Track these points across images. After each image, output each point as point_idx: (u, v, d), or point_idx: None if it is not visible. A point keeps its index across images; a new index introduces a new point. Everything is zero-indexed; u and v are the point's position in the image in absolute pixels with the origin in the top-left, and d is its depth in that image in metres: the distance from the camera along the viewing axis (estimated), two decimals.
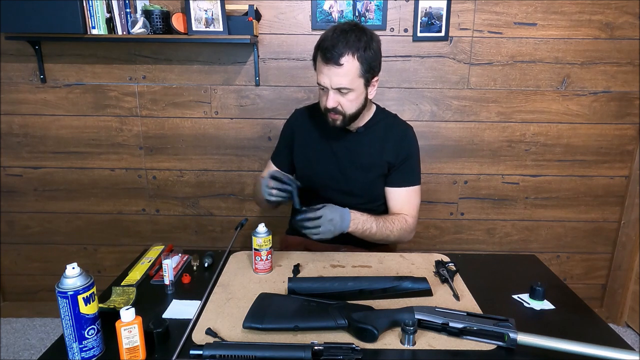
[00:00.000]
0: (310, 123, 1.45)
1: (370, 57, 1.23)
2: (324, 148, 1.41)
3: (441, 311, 0.93)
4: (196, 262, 1.25)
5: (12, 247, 2.20)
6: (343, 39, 1.20)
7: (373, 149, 1.39)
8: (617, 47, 1.92)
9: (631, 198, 2.10)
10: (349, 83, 1.22)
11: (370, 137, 1.40)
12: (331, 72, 1.21)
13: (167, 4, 1.86)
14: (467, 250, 2.20)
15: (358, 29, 1.23)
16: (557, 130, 2.03)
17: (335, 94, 1.24)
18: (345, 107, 1.27)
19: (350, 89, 1.24)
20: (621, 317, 2.23)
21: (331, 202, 1.33)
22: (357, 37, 1.21)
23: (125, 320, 0.82)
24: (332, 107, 1.25)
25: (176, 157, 2.08)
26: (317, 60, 1.26)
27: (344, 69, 1.20)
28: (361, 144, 1.39)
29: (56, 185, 2.11)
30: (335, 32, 1.22)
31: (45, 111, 2.01)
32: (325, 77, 1.23)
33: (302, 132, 1.45)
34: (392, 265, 1.25)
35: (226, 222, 2.17)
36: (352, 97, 1.26)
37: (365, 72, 1.24)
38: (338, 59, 1.19)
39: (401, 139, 1.41)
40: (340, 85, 1.22)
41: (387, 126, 1.42)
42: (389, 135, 1.40)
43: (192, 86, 1.99)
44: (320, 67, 1.24)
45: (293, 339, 0.91)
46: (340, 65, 1.20)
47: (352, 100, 1.26)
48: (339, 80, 1.22)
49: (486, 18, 1.90)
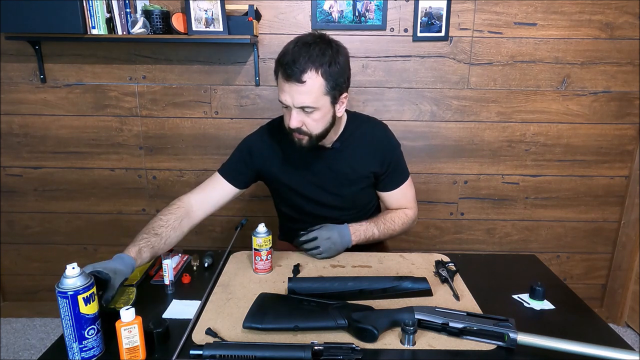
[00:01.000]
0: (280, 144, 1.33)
1: (336, 72, 1.12)
2: (302, 168, 1.32)
3: (441, 311, 0.93)
4: (196, 262, 1.25)
5: (12, 247, 2.20)
6: (305, 52, 1.09)
7: (354, 162, 1.32)
8: (617, 47, 1.92)
9: (631, 198, 2.10)
10: (312, 102, 1.12)
11: (348, 151, 1.31)
12: (293, 90, 1.11)
13: (167, 4, 1.86)
14: (467, 250, 2.20)
15: (322, 41, 1.13)
16: (557, 130, 2.03)
17: (298, 113, 1.15)
18: (310, 127, 1.17)
19: (315, 108, 1.13)
20: (621, 317, 2.23)
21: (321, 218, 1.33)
22: (321, 50, 1.10)
23: (125, 320, 0.82)
24: (295, 127, 1.16)
25: (176, 157, 2.08)
26: (277, 75, 1.15)
27: (306, 86, 1.10)
28: (340, 160, 1.31)
29: (56, 185, 2.11)
30: (297, 45, 1.11)
31: (45, 111, 2.01)
32: (286, 95, 1.13)
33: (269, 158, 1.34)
34: (392, 265, 1.25)
35: (226, 222, 2.17)
36: (317, 116, 1.15)
37: (331, 89, 1.13)
38: (300, 76, 1.08)
39: (381, 146, 1.33)
40: (303, 104, 1.12)
41: (363, 135, 1.33)
42: (368, 145, 1.32)
43: (192, 86, 1.99)
44: (281, 83, 1.14)
45: (293, 339, 0.91)
46: (302, 82, 1.09)
47: (318, 120, 1.16)
48: (301, 98, 1.11)
49: (486, 18, 1.90)
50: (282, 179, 1.35)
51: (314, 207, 1.37)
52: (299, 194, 1.36)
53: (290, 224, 1.48)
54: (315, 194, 1.35)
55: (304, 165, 1.32)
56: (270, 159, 1.34)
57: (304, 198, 1.36)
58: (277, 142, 1.34)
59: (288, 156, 1.33)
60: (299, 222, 1.40)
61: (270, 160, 1.34)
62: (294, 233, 1.36)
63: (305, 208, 1.38)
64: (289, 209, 1.44)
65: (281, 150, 1.33)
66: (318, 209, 1.37)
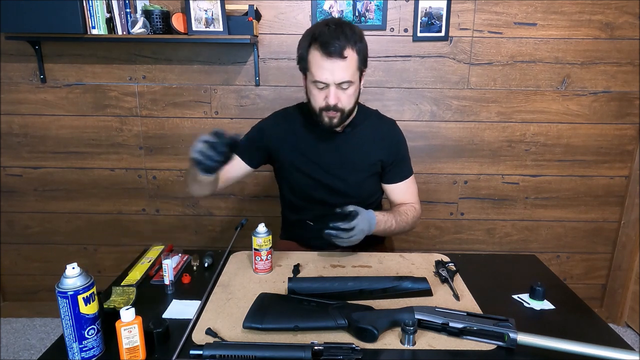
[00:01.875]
0: (292, 129, 1.38)
1: (364, 47, 1.23)
2: (313, 150, 1.36)
3: (441, 311, 0.93)
4: (196, 262, 1.25)
5: (12, 247, 2.20)
6: (341, 32, 1.17)
7: (363, 149, 1.37)
8: (617, 47, 1.92)
9: (631, 198, 2.10)
10: (351, 76, 1.20)
11: (358, 137, 1.37)
12: (335, 66, 1.18)
13: (167, 4, 1.86)
14: (467, 250, 2.20)
15: (348, 22, 1.23)
16: (557, 130, 2.03)
17: (336, 89, 1.21)
18: (344, 102, 1.24)
19: (351, 82, 1.21)
20: (621, 317, 2.23)
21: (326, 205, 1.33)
22: (351, 29, 1.20)
23: (125, 320, 0.82)
24: (334, 103, 1.21)
25: (176, 157, 2.08)
26: (310, 57, 1.21)
27: (347, 61, 1.18)
28: (350, 145, 1.36)
29: (56, 185, 2.11)
30: (329, 26, 1.19)
31: (45, 111, 2.01)
32: (326, 72, 1.18)
33: (280, 142, 1.38)
34: (392, 265, 1.25)
35: (226, 222, 2.17)
36: (351, 91, 1.23)
37: (361, 64, 1.23)
38: (342, 52, 1.16)
39: (389, 137, 1.40)
40: (343, 80, 1.19)
41: (373, 125, 1.40)
42: (376, 134, 1.39)
43: (192, 86, 1.99)
44: (319, 62, 1.19)
45: (293, 339, 0.90)
46: (344, 58, 1.17)
47: (351, 95, 1.24)
48: (342, 74, 1.19)
49: (486, 18, 1.90)
50: (292, 160, 1.38)
51: (320, 191, 1.38)
52: (307, 176, 1.37)
53: (294, 215, 1.47)
54: (323, 177, 1.37)
55: (314, 147, 1.36)
56: (282, 139, 1.38)
57: (311, 180, 1.37)
58: (289, 124, 1.39)
59: (299, 138, 1.37)
60: (303, 211, 1.42)
61: (282, 141, 1.38)
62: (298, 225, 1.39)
63: (311, 193, 1.39)
64: (294, 194, 1.43)
65: (293, 132, 1.38)
66: (324, 194, 1.38)
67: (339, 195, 1.38)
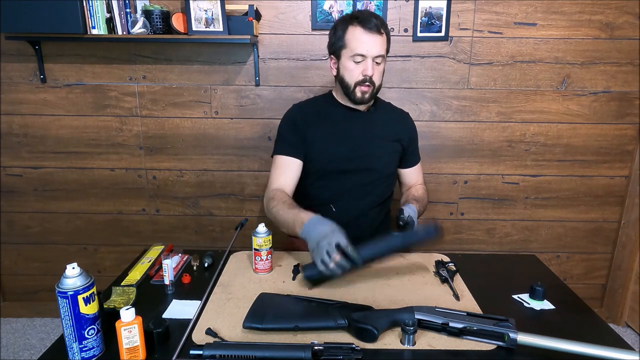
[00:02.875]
0: (316, 113, 1.46)
1: (389, 32, 1.36)
2: (338, 131, 1.43)
3: (441, 311, 0.93)
4: (196, 262, 1.25)
5: (12, 247, 2.20)
6: (374, 16, 1.32)
7: (386, 127, 1.48)
8: (617, 47, 1.92)
9: (631, 198, 2.10)
10: (385, 51, 1.34)
11: (382, 117, 1.48)
12: (373, 40, 1.30)
13: (167, 4, 1.86)
14: (467, 250, 2.20)
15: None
16: (557, 130, 2.03)
17: (373, 63, 1.32)
18: (376, 77, 1.35)
19: (384, 58, 1.35)
20: (621, 317, 2.23)
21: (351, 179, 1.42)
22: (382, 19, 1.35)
23: (125, 320, 0.82)
24: (371, 74, 1.32)
25: (176, 157, 2.08)
26: (349, 34, 1.32)
27: (383, 38, 1.32)
28: (375, 122, 1.47)
29: (56, 185, 2.11)
30: (365, 11, 1.37)
31: (45, 111, 2.01)
32: (366, 46, 1.30)
33: (310, 122, 1.44)
34: (392, 265, 1.25)
35: (226, 222, 2.17)
36: (382, 67, 1.36)
37: (388, 45, 1.36)
38: (380, 28, 1.30)
39: (406, 123, 1.55)
40: (380, 53, 1.32)
41: (391, 110, 1.55)
42: (395, 118, 1.53)
43: (192, 86, 1.99)
44: (359, 37, 1.30)
45: (293, 339, 0.91)
46: (381, 34, 1.31)
47: (381, 72, 1.37)
48: (378, 49, 1.31)
49: (486, 18, 1.90)
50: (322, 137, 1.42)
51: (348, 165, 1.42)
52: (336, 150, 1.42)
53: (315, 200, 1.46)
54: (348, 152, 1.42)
55: (342, 125, 1.44)
56: (312, 122, 1.44)
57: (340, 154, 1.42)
58: (314, 109, 1.48)
59: (327, 118, 1.45)
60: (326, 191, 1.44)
61: (312, 123, 1.44)
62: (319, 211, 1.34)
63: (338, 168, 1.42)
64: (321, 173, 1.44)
65: (319, 114, 1.46)
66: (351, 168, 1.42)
67: (365, 171, 1.43)
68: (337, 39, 1.35)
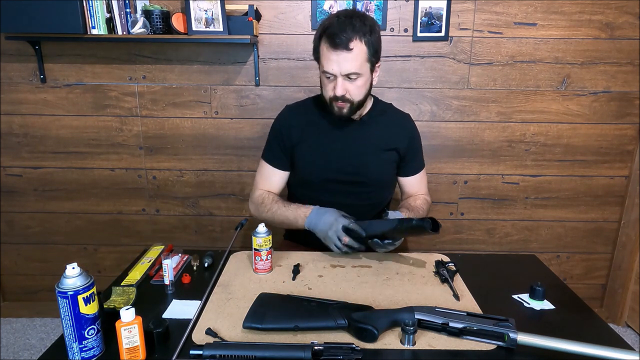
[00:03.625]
0: (307, 118, 1.40)
1: (375, 40, 1.24)
2: (329, 140, 1.38)
3: (441, 311, 0.93)
4: (196, 262, 1.25)
5: (12, 247, 2.20)
6: (349, 23, 1.19)
7: (380, 136, 1.39)
8: (617, 47, 1.92)
9: (631, 198, 2.10)
10: (358, 68, 1.22)
11: (375, 125, 1.40)
12: (340, 58, 1.20)
13: (167, 4, 1.86)
14: (467, 250, 2.20)
15: (360, 14, 1.24)
16: (557, 130, 2.03)
17: (344, 80, 1.24)
18: (353, 94, 1.26)
19: (359, 74, 1.23)
20: (621, 317, 2.23)
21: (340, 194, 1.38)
22: (362, 21, 1.21)
23: (125, 320, 0.82)
24: (341, 94, 1.24)
25: (176, 157, 2.08)
26: (320, 47, 1.24)
27: (353, 53, 1.20)
28: (368, 131, 1.39)
29: (56, 185, 2.11)
30: (339, 18, 1.21)
31: (45, 111, 2.01)
32: (333, 64, 1.21)
33: (300, 128, 1.39)
34: (392, 265, 1.25)
35: (226, 222, 2.17)
36: (360, 82, 1.26)
37: (371, 56, 1.24)
38: (347, 44, 1.18)
39: (405, 129, 1.44)
40: (349, 71, 1.22)
41: (389, 115, 1.45)
42: (392, 124, 1.43)
43: (192, 86, 1.99)
44: (327, 54, 1.22)
45: (293, 339, 0.90)
46: (350, 50, 1.19)
47: (360, 87, 1.26)
48: (348, 66, 1.21)
49: (486, 18, 1.90)
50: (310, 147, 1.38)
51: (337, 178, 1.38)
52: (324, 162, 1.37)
53: None
54: (340, 163, 1.37)
55: (331, 134, 1.38)
56: (300, 129, 1.39)
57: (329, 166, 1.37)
58: (305, 115, 1.41)
59: (316, 126, 1.38)
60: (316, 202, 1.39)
61: (300, 131, 1.39)
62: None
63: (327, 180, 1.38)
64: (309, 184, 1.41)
65: (309, 121, 1.40)
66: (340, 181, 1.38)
67: (356, 184, 1.39)
68: (314, 48, 1.28)
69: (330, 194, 1.39)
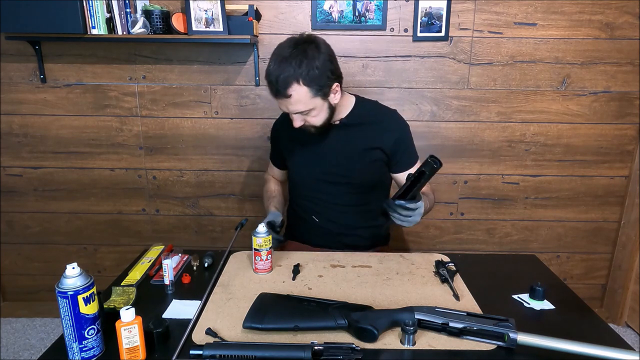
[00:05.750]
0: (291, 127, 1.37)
1: (316, 76, 1.19)
2: (313, 144, 1.39)
3: (441, 311, 0.93)
4: (196, 262, 1.25)
5: (12, 247, 2.20)
6: (284, 68, 1.17)
7: (363, 136, 1.38)
8: (617, 47, 1.92)
9: (631, 198, 2.10)
10: (304, 107, 1.23)
11: (357, 125, 1.38)
12: (284, 103, 1.24)
13: (167, 4, 1.86)
14: (467, 250, 2.20)
15: (297, 51, 1.19)
16: (557, 130, 2.03)
17: (297, 116, 1.27)
18: (312, 122, 1.29)
19: (310, 109, 1.24)
20: (621, 317, 2.23)
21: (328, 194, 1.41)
22: (298, 62, 1.17)
23: (125, 320, 0.82)
24: (299, 126, 1.29)
25: (176, 157, 2.08)
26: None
27: (293, 98, 1.20)
28: (350, 133, 1.38)
29: (56, 185, 2.11)
30: (275, 62, 1.20)
31: (45, 111, 2.01)
32: (282, 106, 1.26)
33: (288, 133, 1.42)
34: (392, 265, 1.25)
35: (226, 222, 2.17)
36: (315, 113, 1.26)
37: (317, 91, 1.21)
38: (285, 91, 1.19)
39: (389, 126, 1.40)
40: (297, 111, 1.24)
41: (371, 113, 1.41)
42: (376, 122, 1.39)
43: (192, 86, 1.99)
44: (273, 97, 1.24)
45: (293, 339, 0.91)
46: (289, 96, 1.20)
47: (316, 116, 1.27)
48: (293, 107, 1.23)
49: (486, 18, 1.90)
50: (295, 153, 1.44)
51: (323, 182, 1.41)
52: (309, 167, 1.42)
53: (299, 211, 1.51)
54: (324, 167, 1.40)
55: (313, 139, 1.39)
56: (288, 135, 1.45)
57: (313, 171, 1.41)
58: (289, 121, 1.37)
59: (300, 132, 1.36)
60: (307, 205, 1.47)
61: (288, 137, 1.45)
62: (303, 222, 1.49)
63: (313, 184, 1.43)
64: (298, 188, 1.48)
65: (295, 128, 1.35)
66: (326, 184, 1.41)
67: (343, 185, 1.40)
68: None
69: (324, 194, 1.42)
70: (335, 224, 1.44)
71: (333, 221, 1.44)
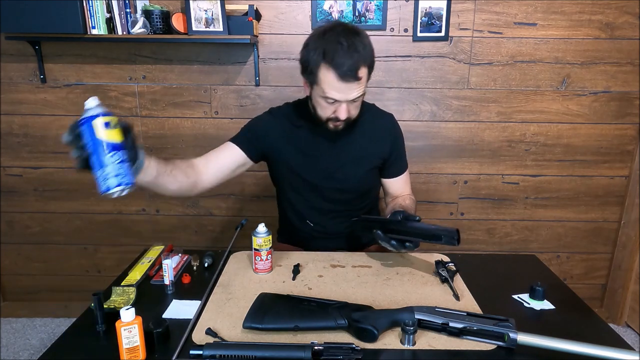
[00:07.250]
0: (289, 127, 1.35)
1: (372, 57, 1.18)
2: (311, 149, 1.34)
3: (441, 311, 0.93)
4: (196, 262, 1.25)
5: (12, 247, 2.20)
6: (355, 52, 1.12)
7: (361, 144, 1.35)
8: (617, 47, 1.92)
9: (631, 198, 2.10)
10: (363, 90, 1.19)
11: (357, 133, 1.34)
12: (349, 87, 1.15)
13: (167, 4, 1.86)
14: (467, 250, 2.19)
15: (357, 33, 1.16)
16: (557, 130, 2.03)
17: (348, 104, 1.19)
18: (352, 113, 1.23)
19: (363, 94, 1.21)
20: (621, 317, 2.23)
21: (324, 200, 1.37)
22: (363, 44, 1.14)
23: (125, 320, 0.82)
24: (345, 117, 1.20)
25: (176, 157, 2.07)
26: (322, 74, 1.15)
27: (361, 81, 1.16)
28: (349, 141, 1.34)
29: (56, 185, 2.11)
30: (341, 44, 1.12)
31: (45, 111, 2.01)
32: (339, 93, 1.15)
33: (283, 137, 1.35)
34: (392, 265, 1.25)
35: (226, 222, 2.17)
36: (360, 101, 1.23)
37: (369, 73, 1.20)
38: (357, 74, 1.13)
39: (388, 132, 1.39)
40: (356, 97, 1.18)
41: (371, 120, 1.38)
42: (375, 129, 1.37)
43: (192, 86, 1.99)
44: (331, 83, 1.14)
45: (293, 339, 0.90)
46: (359, 79, 1.14)
47: (359, 105, 1.24)
48: (355, 93, 1.17)
49: (486, 18, 1.90)
50: (291, 158, 1.35)
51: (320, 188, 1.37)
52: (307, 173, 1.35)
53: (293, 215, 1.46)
54: (323, 173, 1.35)
55: (313, 144, 1.34)
56: (281, 138, 1.35)
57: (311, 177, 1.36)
58: (287, 124, 1.36)
59: (297, 137, 1.34)
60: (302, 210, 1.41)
61: (281, 140, 1.35)
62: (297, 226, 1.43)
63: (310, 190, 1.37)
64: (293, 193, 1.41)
65: (291, 131, 1.35)
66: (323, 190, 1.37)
67: (337, 191, 1.37)
68: (309, 71, 1.18)
69: (320, 199, 1.38)
70: (331, 228, 1.42)
71: (328, 225, 1.41)
